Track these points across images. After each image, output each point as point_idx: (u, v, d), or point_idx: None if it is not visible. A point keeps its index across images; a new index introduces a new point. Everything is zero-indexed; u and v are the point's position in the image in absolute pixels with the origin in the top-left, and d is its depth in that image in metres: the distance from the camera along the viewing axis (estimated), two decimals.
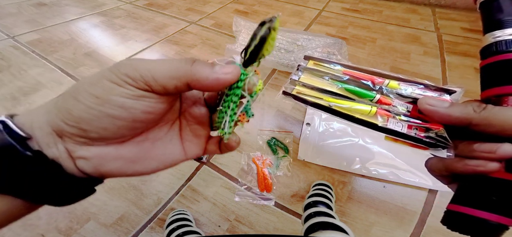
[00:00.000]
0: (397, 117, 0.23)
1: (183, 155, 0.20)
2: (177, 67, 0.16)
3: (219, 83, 0.16)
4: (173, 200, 0.66)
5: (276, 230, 0.61)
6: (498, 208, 0.18)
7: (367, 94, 0.25)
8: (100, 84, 0.15)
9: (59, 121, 0.15)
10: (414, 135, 0.22)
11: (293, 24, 1.42)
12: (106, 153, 0.16)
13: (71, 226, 0.60)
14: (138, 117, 0.16)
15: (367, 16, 1.49)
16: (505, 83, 0.19)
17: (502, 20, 0.20)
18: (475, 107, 0.18)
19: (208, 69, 0.16)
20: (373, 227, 0.61)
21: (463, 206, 0.19)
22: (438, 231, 0.59)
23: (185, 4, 1.64)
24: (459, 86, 0.24)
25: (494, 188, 0.18)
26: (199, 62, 0.16)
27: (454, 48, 1.19)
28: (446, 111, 0.19)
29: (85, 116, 0.15)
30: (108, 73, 0.15)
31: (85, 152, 0.16)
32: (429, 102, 0.20)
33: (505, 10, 0.20)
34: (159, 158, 0.19)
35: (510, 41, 0.19)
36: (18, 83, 0.99)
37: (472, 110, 0.18)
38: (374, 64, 1.12)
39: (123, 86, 0.15)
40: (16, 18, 1.43)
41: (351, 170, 0.70)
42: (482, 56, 0.21)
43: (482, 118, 0.17)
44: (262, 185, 0.67)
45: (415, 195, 0.65)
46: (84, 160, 0.16)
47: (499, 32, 0.19)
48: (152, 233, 0.60)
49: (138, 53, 1.19)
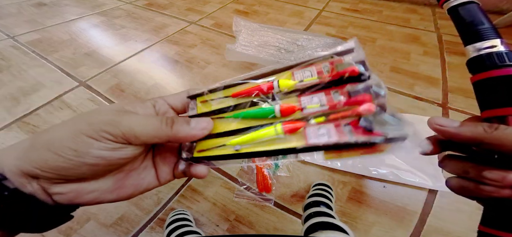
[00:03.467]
0: (313, 120, 0.16)
1: (156, 181, 0.21)
2: (158, 129, 0.17)
3: (196, 138, 0.19)
4: (173, 200, 0.66)
5: (276, 230, 0.61)
6: None
7: (265, 110, 0.18)
8: (79, 139, 0.16)
9: (32, 169, 0.16)
10: (355, 141, 0.15)
11: (293, 24, 1.42)
12: (82, 188, 0.17)
13: (71, 226, 0.60)
14: (115, 162, 0.17)
15: (367, 16, 1.49)
16: (507, 104, 0.18)
17: (480, 30, 0.19)
18: (486, 128, 0.18)
19: (186, 128, 0.18)
20: (373, 227, 0.61)
21: (492, 229, 0.19)
22: (438, 231, 0.59)
23: (185, 4, 1.64)
24: (352, 42, 0.18)
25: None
26: (177, 123, 0.18)
27: (454, 48, 1.19)
28: (457, 131, 0.19)
29: (63, 166, 0.16)
30: (86, 128, 0.16)
31: (61, 188, 0.17)
32: (438, 123, 0.19)
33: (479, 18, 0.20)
34: (133, 186, 0.20)
35: (500, 54, 0.19)
36: (18, 83, 0.99)
37: (482, 130, 0.18)
38: (374, 63, 1.12)
39: (101, 141, 0.16)
40: (16, 18, 1.43)
41: (351, 170, 0.70)
42: (471, 70, 0.20)
43: (494, 138, 0.17)
44: (261, 185, 0.67)
45: (415, 195, 0.65)
46: (60, 195, 0.17)
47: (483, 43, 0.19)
48: (152, 233, 0.60)
49: (138, 53, 1.19)
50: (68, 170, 0.16)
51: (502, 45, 0.19)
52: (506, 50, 0.19)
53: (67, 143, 0.16)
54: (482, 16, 0.20)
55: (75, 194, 0.17)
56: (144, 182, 0.20)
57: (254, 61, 1.04)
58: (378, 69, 1.08)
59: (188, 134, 0.18)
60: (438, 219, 0.61)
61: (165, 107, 0.21)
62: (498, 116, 0.19)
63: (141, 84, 1.02)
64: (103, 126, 0.16)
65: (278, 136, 0.17)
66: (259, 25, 1.20)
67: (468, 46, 0.20)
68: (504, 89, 0.18)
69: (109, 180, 0.19)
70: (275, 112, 0.18)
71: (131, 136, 0.17)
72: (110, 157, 0.17)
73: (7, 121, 0.85)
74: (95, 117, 0.17)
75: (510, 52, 0.19)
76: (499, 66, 0.18)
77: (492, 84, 0.19)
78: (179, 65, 1.13)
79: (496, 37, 0.19)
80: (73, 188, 0.17)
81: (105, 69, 1.09)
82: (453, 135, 0.19)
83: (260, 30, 1.17)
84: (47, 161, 0.15)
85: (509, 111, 0.18)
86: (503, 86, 0.18)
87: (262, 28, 1.18)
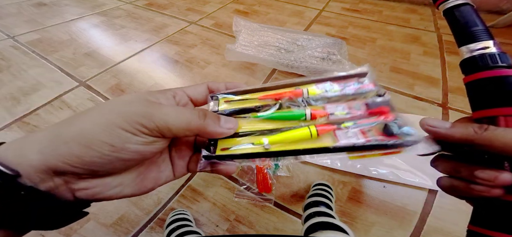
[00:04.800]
0: (342, 126, 0.18)
1: (173, 175, 0.21)
2: (190, 121, 0.17)
3: (223, 136, 0.19)
4: (173, 200, 0.66)
5: (276, 230, 0.61)
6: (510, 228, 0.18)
7: (296, 114, 0.20)
8: (115, 133, 0.15)
9: (61, 164, 0.14)
10: (378, 142, 0.17)
11: (293, 24, 1.42)
12: (107, 182, 0.17)
13: (71, 226, 0.60)
14: (147, 156, 0.17)
15: (367, 16, 1.49)
16: (495, 105, 0.19)
17: (474, 31, 0.20)
18: (476, 129, 0.18)
19: (216, 124, 0.18)
20: (373, 227, 0.61)
21: (481, 228, 0.19)
22: (438, 231, 0.59)
23: (185, 4, 1.64)
24: (366, 67, 0.21)
25: (504, 210, 0.18)
26: (209, 117, 0.18)
27: (454, 48, 1.18)
28: (448, 132, 0.19)
29: (97, 161, 0.15)
30: (120, 120, 0.15)
31: (86, 184, 0.16)
32: (429, 123, 0.20)
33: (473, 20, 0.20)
34: (154, 179, 0.20)
35: (493, 55, 0.19)
36: (18, 83, 0.99)
37: (472, 131, 0.18)
38: (374, 63, 1.12)
39: (138, 135, 0.16)
40: (16, 18, 1.43)
41: (351, 170, 0.70)
42: (464, 71, 0.20)
43: (484, 139, 0.18)
44: (261, 185, 0.67)
45: (415, 195, 0.65)
46: (84, 190, 0.16)
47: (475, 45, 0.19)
48: (152, 233, 0.60)
49: (138, 53, 1.19)
50: (101, 166, 0.15)
51: (495, 47, 0.19)
52: (498, 52, 0.19)
53: (102, 137, 0.15)
54: (476, 17, 0.20)
55: (100, 189, 0.16)
56: (162, 176, 0.20)
57: (254, 61, 1.04)
58: (378, 69, 1.08)
59: (217, 131, 0.18)
60: (438, 219, 0.61)
61: (185, 98, 0.21)
62: (488, 117, 0.19)
63: (141, 84, 1.02)
64: (138, 118, 0.15)
65: (313, 139, 0.18)
66: (259, 25, 1.20)
67: (462, 47, 0.20)
68: (495, 90, 0.19)
69: (132, 174, 0.18)
70: (306, 116, 0.19)
71: (165, 129, 0.16)
72: (144, 151, 0.16)
73: (7, 121, 0.85)
74: (127, 108, 0.16)
75: (502, 53, 0.19)
76: (491, 67, 0.19)
77: (484, 85, 0.19)
78: (179, 65, 1.13)
79: (489, 39, 0.19)
80: (99, 183, 0.16)
81: (105, 69, 1.09)
82: (444, 136, 0.19)
83: (260, 30, 1.17)
84: (81, 157, 0.14)
85: (499, 111, 0.19)
86: (494, 86, 0.19)
87: (262, 28, 1.18)
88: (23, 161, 0.14)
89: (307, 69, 0.97)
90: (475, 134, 0.18)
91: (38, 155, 0.14)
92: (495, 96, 0.19)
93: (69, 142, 0.14)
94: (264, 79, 1.03)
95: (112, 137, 0.15)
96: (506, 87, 0.18)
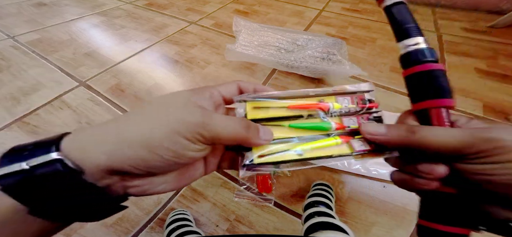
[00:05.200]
0: (355, 137, 0.22)
1: (204, 172, 0.22)
2: (237, 132, 0.18)
3: (260, 145, 0.20)
4: (173, 200, 0.66)
5: (276, 230, 0.61)
6: (452, 220, 0.19)
7: (322, 126, 0.23)
8: (177, 141, 0.16)
9: (126, 166, 0.16)
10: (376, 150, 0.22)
11: (293, 24, 1.42)
12: (156, 180, 0.18)
13: (71, 226, 0.60)
14: (196, 160, 0.20)
15: (367, 16, 1.49)
16: (425, 98, 0.20)
17: (406, 29, 0.21)
18: (407, 132, 0.19)
19: (257, 136, 0.20)
20: (373, 227, 0.61)
21: (427, 221, 0.21)
22: None
23: (185, 4, 1.64)
24: (368, 85, 0.24)
25: (443, 202, 0.20)
26: (252, 129, 0.19)
27: (454, 48, 1.19)
28: (385, 138, 0.21)
29: (158, 165, 0.16)
30: (184, 130, 0.16)
31: (139, 182, 0.17)
32: (368, 131, 0.21)
33: (405, 18, 0.21)
34: (190, 177, 0.21)
35: (421, 50, 0.20)
36: (18, 83, 0.99)
37: (404, 133, 0.19)
38: (374, 63, 1.12)
39: (196, 143, 0.17)
40: (16, 18, 1.43)
41: (351, 170, 0.70)
42: (402, 65, 0.22)
43: (415, 141, 0.19)
44: (261, 185, 0.67)
45: (415, 195, 0.65)
46: (136, 187, 0.17)
47: (409, 41, 0.21)
48: (152, 233, 0.60)
49: (138, 53, 1.19)
50: (160, 168, 0.17)
51: (424, 43, 0.21)
52: (427, 47, 0.21)
53: (166, 144, 0.16)
54: (409, 15, 0.22)
55: (149, 186, 0.18)
56: (197, 173, 0.21)
57: (254, 61, 1.04)
58: (378, 69, 1.09)
59: (257, 142, 0.20)
60: None
61: (219, 98, 0.22)
62: (422, 109, 0.21)
63: (141, 84, 1.02)
64: (197, 129, 0.17)
65: (336, 145, 0.22)
66: (259, 25, 1.20)
67: (399, 43, 0.22)
68: (425, 83, 0.20)
69: (176, 173, 0.19)
70: (331, 128, 0.23)
71: (216, 138, 0.17)
72: (196, 157, 0.18)
73: (7, 121, 0.85)
74: (186, 116, 0.17)
75: (430, 49, 0.21)
76: (422, 62, 0.20)
77: (416, 79, 0.21)
78: (179, 65, 1.13)
79: (419, 35, 0.21)
80: (149, 181, 0.18)
81: (105, 69, 1.09)
82: (384, 142, 0.21)
83: (260, 30, 1.17)
84: (145, 160, 0.16)
85: (429, 104, 0.20)
86: (424, 80, 0.20)
87: (262, 28, 1.18)
88: (87, 159, 0.15)
89: (307, 69, 0.97)
90: (407, 137, 0.19)
91: (104, 156, 0.15)
92: (425, 89, 0.20)
93: (134, 146, 0.16)
94: (264, 79, 1.03)
95: (175, 145, 0.16)
96: (433, 80, 0.20)
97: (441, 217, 0.20)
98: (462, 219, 0.19)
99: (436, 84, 0.20)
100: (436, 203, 0.20)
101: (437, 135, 0.18)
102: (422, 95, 0.21)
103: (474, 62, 1.10)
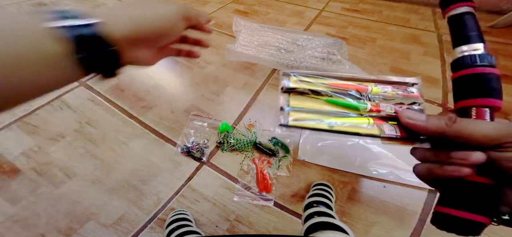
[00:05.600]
0: (389, 122, 0.25)
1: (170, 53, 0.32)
2: None
3: None
4: (173, 200, 0.66)
5: (276, 230, 0.61)
6: (476, 208, 0.20)
7: (356, 105, 0.25)
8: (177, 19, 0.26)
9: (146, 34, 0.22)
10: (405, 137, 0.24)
11: (293, 24, 1.42)
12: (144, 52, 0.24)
13: (71, 226, 0.60)
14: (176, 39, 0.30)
15: (367, 16, 1.49)
16: (470, 97, 0.22)
17: (467, 36, 0.23)
18: (447, 121, 0.21)
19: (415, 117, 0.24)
20: (373, 227, 0.61)
21: (447, 208, 0.22)
22: (438, 231, 0.59)
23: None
24: (416, 78, 0.27)
25: (470, 190, 0.21)
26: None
27: None
28: (423, 124, 0.22)
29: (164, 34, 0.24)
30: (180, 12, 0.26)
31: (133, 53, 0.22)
32: (408, 115, 0.23)
33: (469, 26, 0.23)
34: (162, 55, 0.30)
35: (474, 56, 0.22)
36: None
37: (444, 124, 0.21)
38: (374, 63, 1.12)
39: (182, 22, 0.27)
40: None
41: (351, 170, 0.70)
42: (452, 69, 0.24)
43: (454, 131, 0.20)
44: (261, 185, 0.67)
45: (415, 195, 0.65)
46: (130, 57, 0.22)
47: (466, 47, 0.22)
48: (152, 233, 0.60)
49: None
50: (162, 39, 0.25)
51: (483, 49, 0.22)
52: (480, 53, 0.22)
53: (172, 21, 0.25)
54: (474, 24, 0.23)
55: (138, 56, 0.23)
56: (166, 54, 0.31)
57: (254, 61, 1.04)
58: (378, 69, 1.08)
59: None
60: None
61: None
62: (464, 107, 0.22)
63: (141, 84, 1.02)
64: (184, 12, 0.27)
65: (368, 125, 0.24)
66: (259, 25, 1.20)
67: (456, 48, 0.23)
68: (470, 85, 0.22)
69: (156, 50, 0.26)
70: (366, 108, 0.25)
71: None
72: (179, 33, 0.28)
73: (7, 121, 0.85)
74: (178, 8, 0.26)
75: (483, 54, 0.22)
76: (470, 66, 0.22)
77: (462, 80, 0.22)
78: (179, 65, 1.13)
79: (479, 42, 0.22)
80: (141, 52, 0.23)
81: None
82: (421, 128, 0.22)
83: (260, 30, 1.17)
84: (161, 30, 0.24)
85: (472, 102, 0.22)
86: (469, 82, 0.22)
87: (262, 28, 1.18)
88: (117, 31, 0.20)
89: (307, 69, 0.97)
90: (446, 126, 0.21)
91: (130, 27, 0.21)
92: (470, 90, 0.22)
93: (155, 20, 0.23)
94: (264, 79, 1.03)
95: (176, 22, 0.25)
96: (479, 82, 0.21)
97: (464, 204, 0.21)
98: (486, 207, 0.20)
99: (484, 85, 0.21)
100: (460, 191, 0.21)
101: (476, 125, 0.20)
102: (467, 94, 0.22)
103: None
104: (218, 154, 0.76)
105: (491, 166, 0.19)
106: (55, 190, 0.66)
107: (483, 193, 0.20)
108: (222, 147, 0.76)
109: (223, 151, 0.76)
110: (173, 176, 0.70)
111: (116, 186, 0.68)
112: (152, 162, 0.73)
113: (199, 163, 0.73)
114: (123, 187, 0.68)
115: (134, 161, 0.73)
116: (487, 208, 0.20)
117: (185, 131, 0.80)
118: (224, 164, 0.73)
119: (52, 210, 0.62)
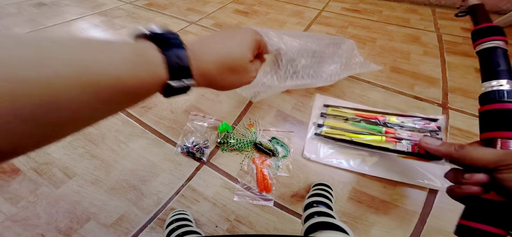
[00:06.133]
0: (403, 141, 0.31)
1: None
2: None
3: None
4: (173, 200, 0.66)
5: (276, 230, 0.61)
6: (493, 221, 0.23)
7: (375, 128, 0.33)
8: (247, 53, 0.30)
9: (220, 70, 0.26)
10: (418, 152, 0.30)
11: (293, 24, 1.42)
12: None
13: (71, 226, 0.60)
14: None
15: (367, 16, 1.49)
16: (496, 129, 0.24)
17: (496, 71, 0.25)
18: (456, 147, 0.26)
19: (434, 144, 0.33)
20: (373, 227, 0.61)
21: (469, 221, 0.25)
22: (439, 231, 0.59)
23: (185, 4, 1.64)
24: (441, 116, 0.31)
25: (486, 206, 0.24)
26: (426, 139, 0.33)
27: (454, 48, 1.19)
28: (436, 148, 0.30)
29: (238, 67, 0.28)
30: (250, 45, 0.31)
31: None
32: (426, 141, 0.31)
33: (500, 61, 0.25)
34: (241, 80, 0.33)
35: (502, 91, 0.24)
36: None
37: (453, 149, 0.27)
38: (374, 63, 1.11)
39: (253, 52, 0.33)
40: (16, 18, 1.43)
41: (352, 170, 0.70)
42: (480, 102, 0.27)
43: (459, 155, 0.26)
44: (261, 185, 0.67)
45: (415, 195, 0.65)
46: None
47: (495, 82, 0.25)
48: (152, 233, 0.60)
49: None
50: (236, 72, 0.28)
51: (508, 85, 0.24)
52: (508, 89, 0.24)
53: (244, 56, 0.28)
54: (504, 60, 0.25)
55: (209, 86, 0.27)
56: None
57: None
58: (378, 69, 1.08)
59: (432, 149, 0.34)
60: (438, 219, 0.61)
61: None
62: (489, 138, 0.25)
63: None
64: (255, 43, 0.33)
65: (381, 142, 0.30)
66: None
67: (484, 83, 0.26)
68: (496, 118, 0.24)
69: None
70: (382, 132, 0.31)
71: None
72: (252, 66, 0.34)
73: None
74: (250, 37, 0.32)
75: (511, 91, 0.24)
76: (497, 101, 0.24)
77: (488, 114, 0.25)
78: None
79: (506, 78, 0.25)
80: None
81: None
82: (434, 152, 0.30)
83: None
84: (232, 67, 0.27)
85: (497, 134, 0.24)
86: (495, 116, 0.25)
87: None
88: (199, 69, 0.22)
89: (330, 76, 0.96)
90: (454, 151, 0.26)
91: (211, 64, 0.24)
92: (495, 123, 0.24)
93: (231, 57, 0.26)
94: None
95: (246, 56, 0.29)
96: (505, 117, 0.24)
97: (483, 218, 0.24)
98: (502, 221, 0.23)
99: (509, 120, 0.24)
100: (479, 207, 0.24)
101: (478, 151, 0.24)
102: (494, 126, 0.25)
103: (474, 62, 1.09)
104: (218, 154, 0.76)
105: (498, 186, 0.22)
106: (55, 190, 0.66)
107: (498, 209, 0.23)
108: (222, 147, 0.76)
109: (223, 151, 0.76)
110: (173, 176, 0.70)
111: (116, 186, 0.68)
112: (152, 162, 0.73)
113: (199, 163, 0.73)
114: (123, 187, 0.68)
115: (134, 161, 0.74)
116: (503, 221, 0.22)
117: (185, 131, 0.80)
118: (224, 164, 0.73)
119: (52, 210, 0.62)
